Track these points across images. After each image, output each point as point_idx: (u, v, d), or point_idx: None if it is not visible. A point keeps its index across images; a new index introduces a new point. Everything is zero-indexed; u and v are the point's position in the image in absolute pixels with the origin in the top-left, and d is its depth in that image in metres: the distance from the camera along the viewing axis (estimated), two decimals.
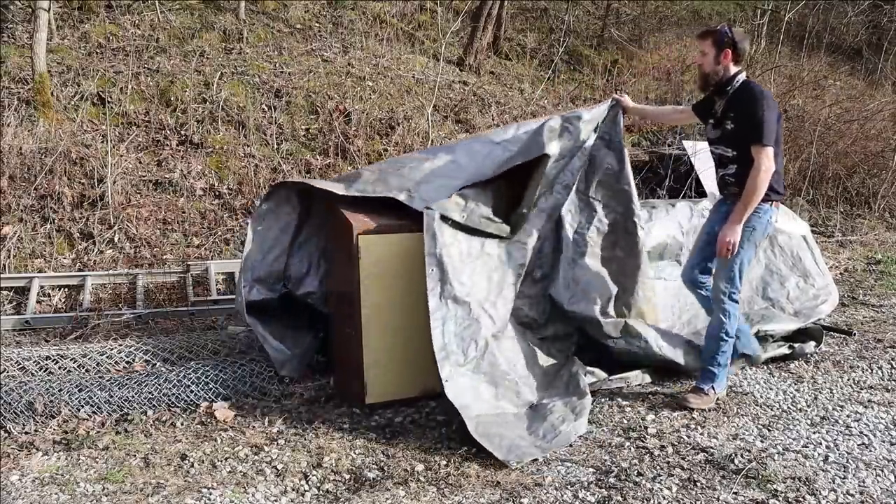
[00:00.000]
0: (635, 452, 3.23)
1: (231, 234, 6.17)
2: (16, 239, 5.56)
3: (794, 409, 3.70)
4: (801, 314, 4.59)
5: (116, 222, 5.86)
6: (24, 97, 6.48)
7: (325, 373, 4.19)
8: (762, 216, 3.63)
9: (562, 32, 10.79)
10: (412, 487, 2.93)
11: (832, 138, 9.47)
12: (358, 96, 7.73)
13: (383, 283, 3.69)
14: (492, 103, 8.59)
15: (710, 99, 3.80)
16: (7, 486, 2.92)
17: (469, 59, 9.36)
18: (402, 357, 3.76)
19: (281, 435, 3.44)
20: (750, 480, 2.95)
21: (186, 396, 3.73)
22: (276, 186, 4.23)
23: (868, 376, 4.16)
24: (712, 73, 3.68)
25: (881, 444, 3.27)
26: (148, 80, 7.13)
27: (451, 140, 7.76)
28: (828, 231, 8.35)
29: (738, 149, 3.61)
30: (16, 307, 5.20)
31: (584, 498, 2.83)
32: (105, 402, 3.61)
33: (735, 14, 12.59)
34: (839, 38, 13.39)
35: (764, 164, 3.48)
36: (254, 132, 7.00)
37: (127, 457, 3.19)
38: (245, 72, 7.63)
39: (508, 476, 3.01)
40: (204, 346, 4.26)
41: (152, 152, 6.56)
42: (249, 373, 3.93)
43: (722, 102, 3.70)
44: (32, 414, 3.47)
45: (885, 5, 13.28)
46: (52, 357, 4.00)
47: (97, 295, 5.37)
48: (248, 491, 2.90)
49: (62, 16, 7.83)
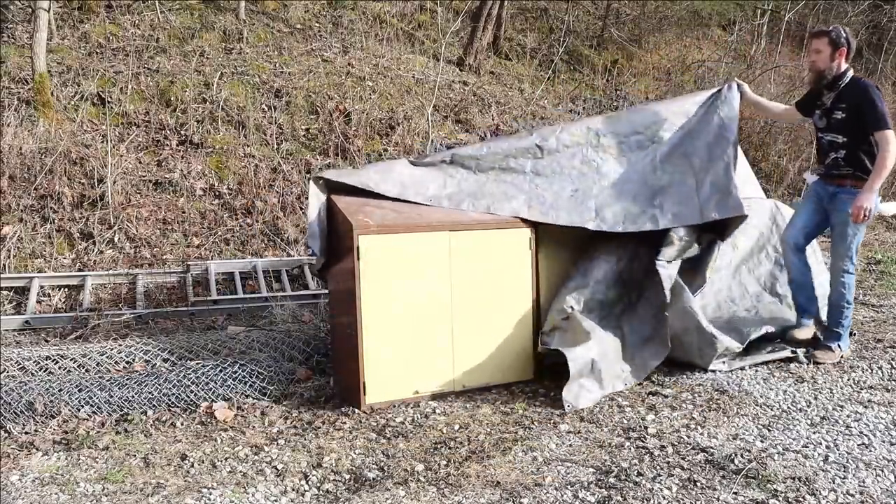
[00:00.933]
0: (635, 452, 3.23)
1: (231, 234, 6.18)
2: (16, 239, 5.56)
3: (794, 409, 3.70)
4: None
5: (116, 222, 5.86)
6: (24, 97, 6.48)
7: (324, 373, 4.19)
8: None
9: (562, 32, 10.79)
10: (412, 487, 2.93)
11: None
12: (358, 96, 7.73)
13: (383, 283, 3.70)
14: (492, 103, 8.60)
15: (817, 93, 4.19)
16: (7, 486, 2.92)
17: (469, 59, 9.36)
18: (401, 357, 3.76)
19: (281, 435, 3.44)
20: (750, 480, 2.95)
21: (186, 396, 3.73)
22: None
23: (868, 376, 4.16)
24: (826, 69, 4.07)
25: (881, 444, 3.27)
26: (148, 80, 7.14)
27: (451, 140, 7.76)
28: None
29: (849, 135, 4.03)
30: (16, 307, 5.20)
31: (584, 498, 2.83)
32: (105, 402, 3.61)
33: (735, 14, 12.58)
34: None
35: (891, 145, 3.89)
36: (254, 132, 7.00)
37: (127, 457, 3.19)
38: (245, 72, 7.63)
39: (508, 476, 3.01)
40: (204, 346, 4.26)
41: (152, 152, 6.56)
42: (249, 373, 3.93)
43: (832, 95, 4.10)
44: (32, 414, 3.47)
45: (885, 5, 13.28)
46: (52, 357, 4.00)
47: (97, 295, 5.37)
48: (248, 491, 2.90)
49: (62, 16, 7.84)
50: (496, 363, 4.02)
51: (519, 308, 4.07)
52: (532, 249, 4.08)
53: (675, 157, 4.33)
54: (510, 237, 4.03)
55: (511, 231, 4.03)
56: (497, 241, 4.00)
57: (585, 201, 4.18)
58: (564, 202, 4.17)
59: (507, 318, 4.04)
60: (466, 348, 3.92)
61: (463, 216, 4.01)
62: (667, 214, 4.08)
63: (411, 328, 3.78)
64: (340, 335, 3.99)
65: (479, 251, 3.94)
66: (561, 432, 3.44)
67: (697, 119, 4.43)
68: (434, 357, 3.85)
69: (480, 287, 3.95)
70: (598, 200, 4.19)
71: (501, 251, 4.01)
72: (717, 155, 4.20)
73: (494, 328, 4.00)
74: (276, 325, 4.96)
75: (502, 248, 4.01)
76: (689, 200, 4.11)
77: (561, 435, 3.41)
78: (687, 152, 4.31)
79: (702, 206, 4.07)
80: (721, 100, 4.42)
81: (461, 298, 3.90)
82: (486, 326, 3.97)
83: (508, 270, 4.02)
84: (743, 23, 12.66)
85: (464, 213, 4.04)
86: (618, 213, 4.13)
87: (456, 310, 3.89)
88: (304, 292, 5.65)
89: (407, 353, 3.78)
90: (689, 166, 4.26)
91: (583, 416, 3.62)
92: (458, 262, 3.88)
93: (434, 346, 3.84)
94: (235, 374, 3.90)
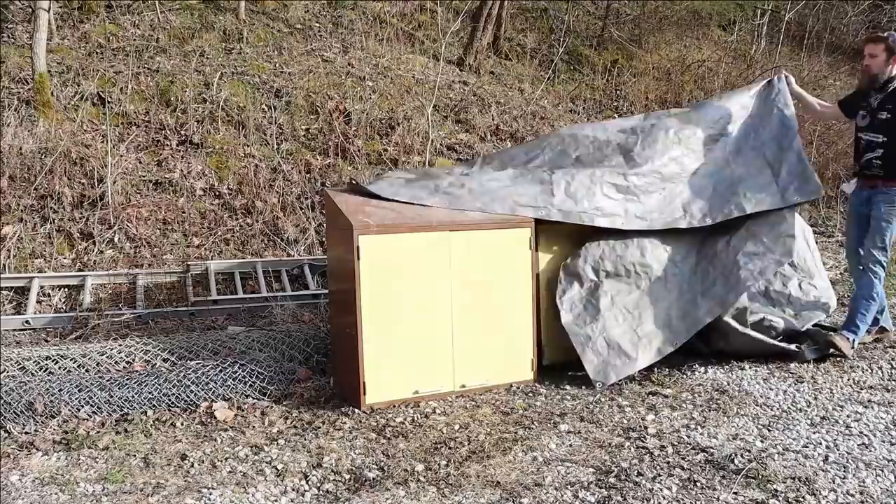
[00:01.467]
0: (635, 452, 3.23)
1: (231, 234, 6.18)
2: (16, 239, 5.56)
3: (794, 409, 3.70)
4: (800, 317, 4.59)
5: (116, 222, 5.86)
6: (24, 97, 6.48)
7: (324, 373, 4.19)
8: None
9: (562, 32, 10.78)
10: (412, 487, 2.93)
11: (832, 138, 9.47)
12: (358, 96, 7.73)
13: (383, 283, 3.70)
14: (492, 103, 8.59)
15: (864, 93, 4.47)
16: (7, 486, 2.92)
17: (469, 59, 9.36)
18: (401, 357, 3.76)
19: (281, 435, 3.44)
20: (750, 480, 2.95)
21: (186, 396, 3.73)
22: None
23: (868, 376, 4.16)
24: (880, 73, 4.34)
25: (881, 444, 3.27)
26: (148, 80, 7.13)
27: (450, 140, 7.77)
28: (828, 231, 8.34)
29: (891, 135, 4.29)
30: (16, 307, 5.20)
31: (584, 498, 2.83)
32: (105, 402, 3.61)
33: (735, 14, 12.58)
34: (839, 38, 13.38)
35: None
36: (254, 132, 7.00)
37: (127, 457, 3.19)
38: (245, 72, 7.63)
39: (508, 476, 3.01)
40: (204, 346, 4.26)
41: (152, 152, 6.56)
42: (249, 373, 3.93)
43: (879, 97, 4.36)
44: (32, 414, 3.47)
45: (885, 5, 13.28)
46: (52, 357, 4.00)
47: (97, 295, 5.37)
48: (248, 491, 2.90)
49: (62, 16, 7.83)
50: (496, 363, 4.02)
51: (519, 308, 4.06)
52: (532, 249, 4.08)
53: (745, 150, 4.60)
54: (510, 237, 4.03)
55: (511, 231, 4.03)
56: (497, 240, 4.00)
57: (673, 200, 4.39)
58: (656, 205, 4.36)
59: (507, 318, 4.04)
60: (466, 348, 3.92)
61: (463, 216, 4.01)
62: (751, 200, 4.35)
63: (411, 328, 3.78)
64: (340, 335, 3.99)
65: (479, 251, 3.94)
66: (561, 432, 3.44)
67: (758, 112, 4.72)
68: (434, 357, 3.85)
69: (480, 287, 3.95)
70: (684, 197, 4.42)
71: (501, 251, 4.01)
72: (786, 146, 4.49)
73: (494, 328, 4.00)
74: (276, 325, 4.96)
75: (502, 248, 4.01)
76: (769, 187, 4.39)
77: (561, 435, 3.41)
78: (756, 145, 4.58)
79: (782, 192, 4.37)
80: (776, 92, 4.70)
81: (461, 298, 3.90)
82: (486, 326, 3.97)
83: (508, 270, 4.02)
84: (743, 23, 12.65)
85: (464, 213, 4.04)
86: (703, 207, 4.39)
87: (456, 310, 3.89)
88: (304, 292, 5.65)
89: (407, 353, 3.78)
90: (762, 159, 4.52)
91: (583, 416, 3.63)
92: (458, 261, 3.88)
93: (434, 346, 3.84)
94: (235, 374, 3.90)
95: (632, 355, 4.03)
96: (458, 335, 3.91)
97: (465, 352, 3.93)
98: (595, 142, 4.62)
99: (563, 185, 4.26)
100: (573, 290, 4.18)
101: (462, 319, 3.91)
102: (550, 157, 4.58)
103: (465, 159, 7.62)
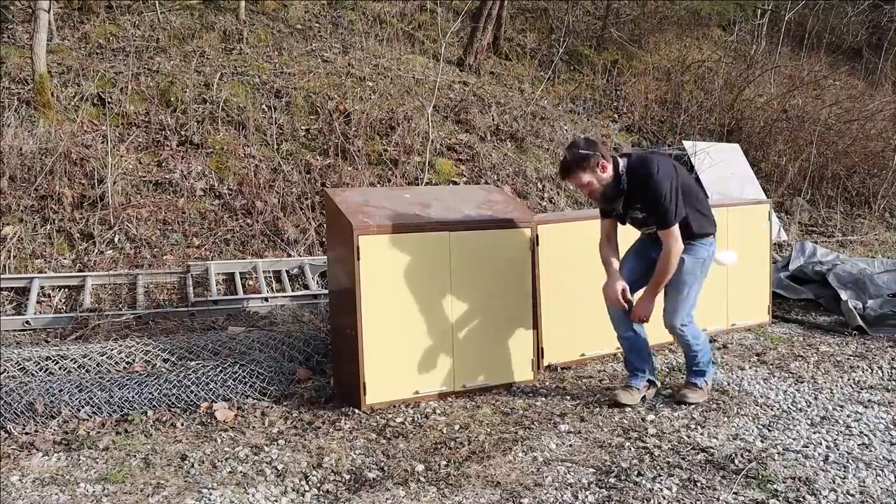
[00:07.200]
0: (635, 452, 3.23)
1: (231, 235, 6.18)
2: (16, 239, 5.56)
3: (794, 409, 3.70)
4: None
5: (116, 223, 5.86)
6: (24, 98, 6.49)
7: (324, 373, 4.19)
8: (709, 247, 3.74)
9: (562, 32, 10.79)
10: (412, 487, 2.93)
11: (832, 138, 9.48)
12: (358, 96, 7.73)
13: (383, 283, 3.70)
14: (492, 103, 8.60)
15: (608, 205, 3.75)
16: (7, 486, 2.92)
17: (469, 60, 9.36)
18: (401, 357, 3.76)
19: (281, 435, 3.44)
20: (750, 480, 2.95)
21: (186, 397, 3.73)
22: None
23: (868, 376, 4.16)
24: (607, 186, 3.61)
25: (881, 444, 3.27)
26: (148, 81, 7.14)
27: (450, 140, 7.76)
28: (828, 231, 8.35)
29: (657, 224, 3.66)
30: (16, 307, 5.20)
31: (584, 498, 2.83)
32: (105, 402, 3.61)
33: (735, 14, 12.58)
34: (839, 38, 13.39)
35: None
36: (254, 132, 7.00)
37: (127, 457, 3.19)
38: (245, 72, 7.64)
39: (508, 476, 3.01)
40: (204, 347, 4.26)
41: (152, 153, 6.56)
42: (249, 373, 3.93)
43: (620, 200, 3.68)
44: (32, 414, 3.47)
45: (885, 5, 13.28)
46: (52, 357, 4.00)
47: (97, 295, 5.37)
48: (248, 491, 2.90)
49: (62, 16, 7.84)
50: (496, 363, 4.02)
51: (519, 308, 4.06)
52: (532, 249, 4.08)
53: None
54: (510, 237, 4.03)
55: (511, 231, 4.03)
56: (497, 240, 3.99)
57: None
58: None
59: (507, 318, 4.04)
60: (466, 348, 3.92)
61: (463, 216, 4.01)
62: None
63: (411, 328, 3.78)
64: (340, 335, 3.99)
65: (479, 251, 3.94)
66: (561, 432, 3.44)
67: None
68: (434, 357, 3.85)
69: (480, 287, 3.95)
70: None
71: (501, 251, 4.00)
72: None
73: (494, 328, 4.00)
74: (276, 326, 4.96)
75: (502, 248, 4.01)
76: None
77: (561, 435, 3.41)
78: None
79: None
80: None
81: (461, 298, 3.90)
82: (486, 326, 3.97)
83: (508, 270, 4.02)
84: (743, 23, 12.66)
85: (464, 213, 4.04)
86: None
87: (456, 310, 3.89)
88: (304, 292, 5.65)
89: (407, 353, 3.78)
90: None
91: (583, 416, 3.63)
92: (458, 261, 3.88)
93: (434, 346, 3.85)
94: (235, 374, 3.90)
95: None
96: (458, 335, 3.91)
97: (465, 352, 3.93)
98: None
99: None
100: None
101: (462, 319, 3.91)
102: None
103: (466, 159, 7.63)
